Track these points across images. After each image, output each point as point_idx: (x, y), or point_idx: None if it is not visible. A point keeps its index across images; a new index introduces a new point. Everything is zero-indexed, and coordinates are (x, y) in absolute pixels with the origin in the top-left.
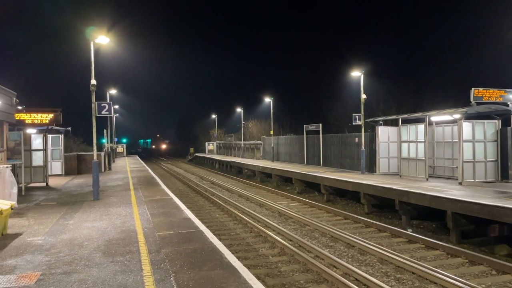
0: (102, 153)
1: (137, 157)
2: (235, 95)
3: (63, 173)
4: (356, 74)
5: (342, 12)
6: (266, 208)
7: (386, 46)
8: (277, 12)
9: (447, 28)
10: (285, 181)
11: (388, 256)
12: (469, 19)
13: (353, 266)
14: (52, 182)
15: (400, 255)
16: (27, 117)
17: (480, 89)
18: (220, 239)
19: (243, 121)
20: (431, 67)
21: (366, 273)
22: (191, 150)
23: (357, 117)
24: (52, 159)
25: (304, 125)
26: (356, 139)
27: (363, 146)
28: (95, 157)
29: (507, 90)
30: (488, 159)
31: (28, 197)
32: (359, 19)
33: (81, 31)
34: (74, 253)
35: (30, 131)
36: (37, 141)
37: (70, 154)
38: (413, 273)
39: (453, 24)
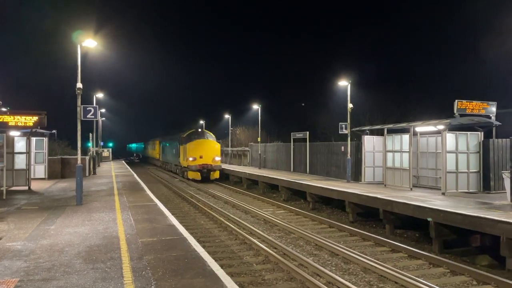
0: (87, 157)
1: (123, 161)
2: (223, 101)
3: (47, 176)
4: (343, 83)
5: (330, 22)
6: (251, 215)
7: (373, 57)
8: (266, 20)
9: (433, 40)
10: (271, 188)
11: (372, 265)
12: (456, 31)
13: (336, 275)
14: (34, 186)
15: (383, 264)
16: (10, 119)
17: (464, 101)
18: (204, 246)
19: (231, 127)
20: (417, 79)
21: (349, 282)
22: None
23: (343, 126)
24: (35, 163)
25: (292, 133)
26: (342, 147)
27: (349, 155)
28: (79, 161)
29: (490, 102)
30: (470, 170)
31: (9, 201)
32: (347, 30)
33: (69, 34)
34: (54, 259)
35: (14, 133)
36: (20, 144)
37: (54, 157)
38: (396, 282)
39: (440, 36)
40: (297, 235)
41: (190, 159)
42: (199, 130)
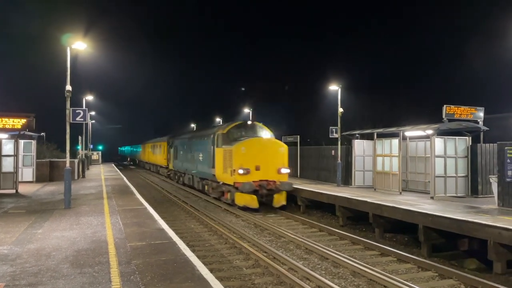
0: (76, 160)
1: (113, 164)
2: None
3: (35, 180)
4: (334, 88)
5: (321, 27)
6: (242, 219)
7: (364, 62)
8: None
9: (423, 46)
10: None
11: (361, 269)
12: (445, 37)
13: (326, 279)
14: (22, 189)
15: (373, 268)
16: None
17: (452, 106)
18: (193, 251)
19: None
20: (407, 84)
21: (338, 285)
22: None
23: (334, 130)
24: (23, 165)
25: (282, 137)
26: (333, 151)
27: (339, 159)
28: (67, 164)
29: (478, 108)
30: (458, 175)
31: None
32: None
33: (58, 36)
34: (41, 263)
35: (1, 136)
36: (7, 147)
37: (43, 160)
38: (385, 286)
39: (429, 42)
40: (288, 239)
41: (240, 171)
42: (249, 122)
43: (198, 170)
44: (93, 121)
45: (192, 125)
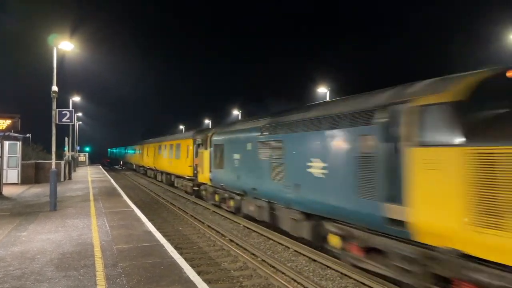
0: (62, 162)
1: (100, 166)
2: (203, 106)
3: (20, 181)
4: (323, 90)
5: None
6: (230, 222)
7: (351, 65)
8: (245, 26)
9: (410, 48)
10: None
11: (348, 271)
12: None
13: (313, 280)
14: (7, 191)
15: (359, 270)
16: None
17: None
18: (181, 253)
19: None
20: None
21: (326, 287)
22: None
23: None
24: (8, 167)
25: None
26: None
27: None
28: (53, 166)
29: None
30: None
31: None
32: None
33: (44, 36)
34: (24, 266)
35: None
36: None
37: (28, 162)
38: (371, 287)
39: (416, 44)
40: (276, 240)
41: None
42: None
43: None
44: (80, 122)
45: (181, 126)
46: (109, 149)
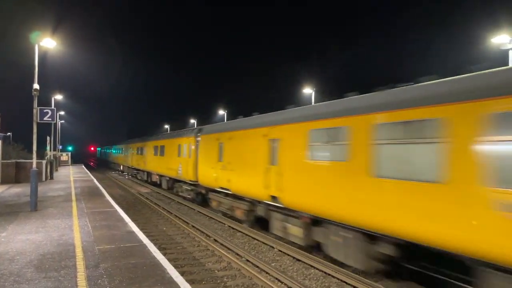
0: (44, 161)
1: (83, 166)
2: (189, 106)
3: (0, 181)
4: (308, 91)
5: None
6: (214, 222)
7: (337, 66)
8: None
9: (396, 51)
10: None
11: (331, 271)
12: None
13: (297, 280)
14: None
15: (343, 270)
16: None
17: None
18: (165, 253)
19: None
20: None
21: (309, 287)
22: None
23: None
24: None
25: None
26: None
27: None
28: (34, 165)
29: None
30: None
31: None
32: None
33: (26, 33)
34: (3, 268)
35: None
36: None
37: (8, 161)
38: (355, 286)
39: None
40: (261, 241)
41: None
42: None
43: None
44: (62, 121)
45: (166, 126)
46: (102, 149)
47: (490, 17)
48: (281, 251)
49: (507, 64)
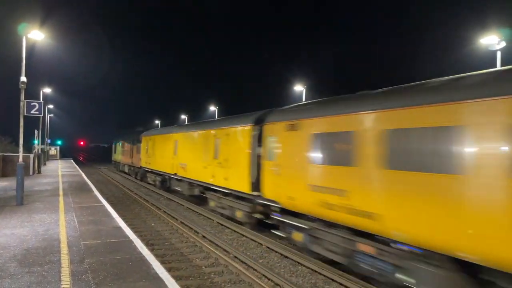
0: (32, 155)
1: (72, 160)
2: (180, 101)
3: None
4: (299, 88)
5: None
6: (203, 218)
7: (328, 64)
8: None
9: (387, 51)
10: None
11: (318, 268)
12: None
13: (284, 277)
14: None
15: (329, 267)
16: None
17: None
18: (152, 249)
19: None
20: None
21: (295, 284)
22: None
23: None
24: None
25: None
26: None
27: None
28: (20, 159)
29: None
30: None
31: None
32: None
33: (13, 24)
34: None
35: None
36: None
37: None
38: (341, 284)
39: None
40: (249, 237)
41: None
42: None
43: None
44: (51, 115)
45: (156, 121)
46: (113, 143)
47: (478, 18)
48: (269, 247)
49: (495, 65)
